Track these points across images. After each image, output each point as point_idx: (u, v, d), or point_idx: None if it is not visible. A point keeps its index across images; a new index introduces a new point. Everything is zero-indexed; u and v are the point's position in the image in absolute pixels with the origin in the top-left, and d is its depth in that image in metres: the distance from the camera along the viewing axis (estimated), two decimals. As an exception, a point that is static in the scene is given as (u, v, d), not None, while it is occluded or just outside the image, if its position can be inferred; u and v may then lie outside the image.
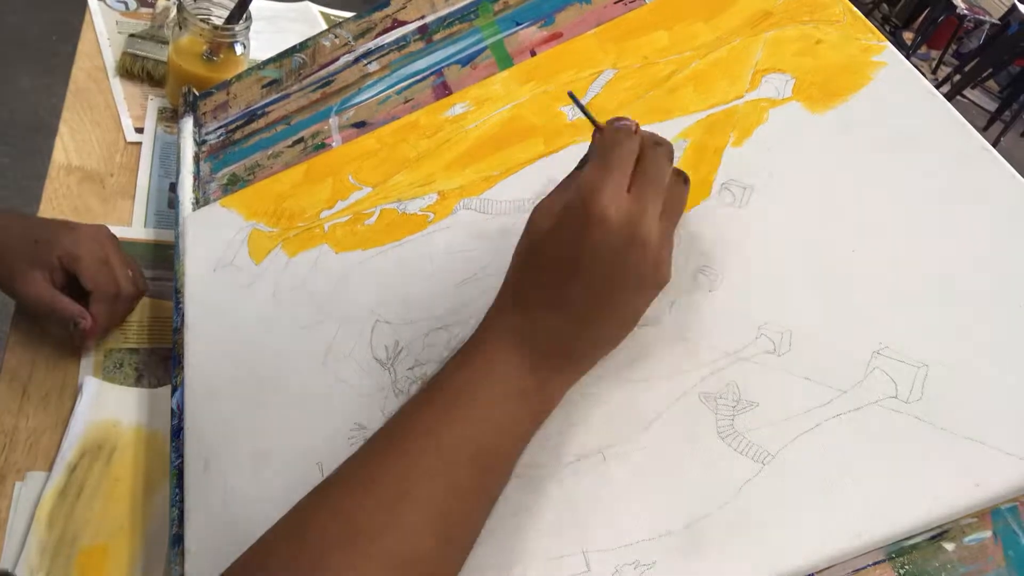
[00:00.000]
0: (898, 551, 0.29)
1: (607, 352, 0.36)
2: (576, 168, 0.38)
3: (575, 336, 0.35)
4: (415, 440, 0.33)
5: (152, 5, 0.85)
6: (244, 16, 0.70)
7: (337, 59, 0.60)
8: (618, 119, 0.37)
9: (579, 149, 0.44)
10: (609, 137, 0.36)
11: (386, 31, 0.58)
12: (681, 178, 0.38)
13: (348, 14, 0.74)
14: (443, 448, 0.32)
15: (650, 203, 0.34)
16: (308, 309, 0.46)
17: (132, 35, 0.78)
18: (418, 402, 0.35)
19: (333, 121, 0.57)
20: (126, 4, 0.85)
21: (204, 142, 0.63)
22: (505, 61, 0.52)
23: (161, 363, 0.54)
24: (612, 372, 0.36)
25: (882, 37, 0.41)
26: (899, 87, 0.39)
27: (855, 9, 0.43)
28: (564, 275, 0.34)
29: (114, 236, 0.55)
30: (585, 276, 0.34)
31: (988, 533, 0.29)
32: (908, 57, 0.39)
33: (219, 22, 0.71)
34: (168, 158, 0.69)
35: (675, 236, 0.37)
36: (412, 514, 0.31)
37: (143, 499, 0.46)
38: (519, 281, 0.36)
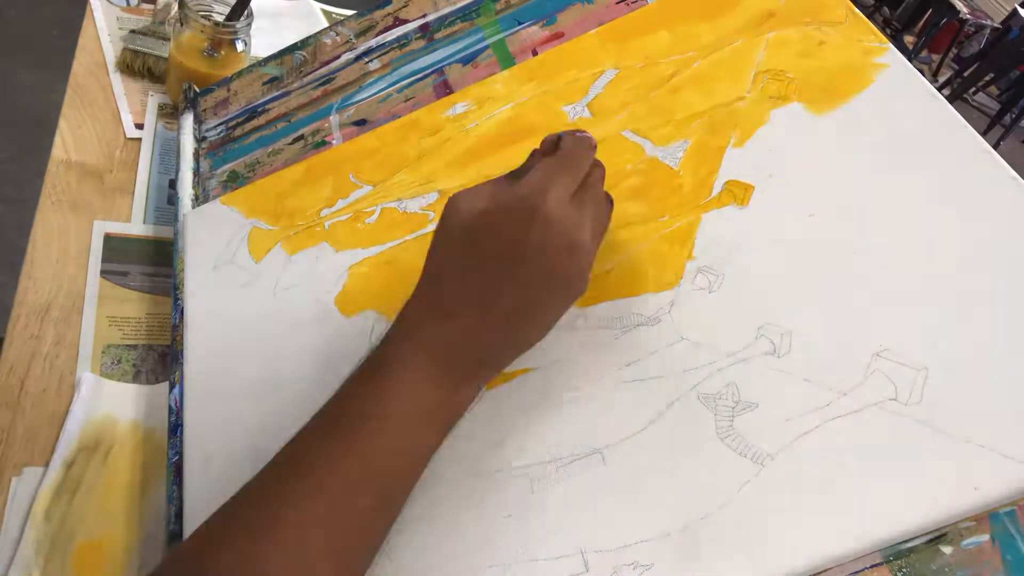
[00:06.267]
0: (896, 554, 0.29)
1: (518, 356, 0.35)
2: (511, 174, 0.37)
3: (496, 339, 0.34)
4: (318, 476, 0.31)
5: (153, 1, 0.85)
6: (245, 13, 0.70)
7: (338, 57, 0.59)
8: (579, 131, 0.37)
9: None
10: (570, 144, 0.36)
11: (387, 29, 0.58)
12: (608, 199, 0.38)
13: (349, 12, 0.74)
14: (348, 482, 0.31)
15: (589, 215, 0.34)
16: (308, 307, 0.46)
17: (133, 31, 0.78)
18: (322, 427, 0.34)
19: (333, 119, 0.57)
20: (127, 0, 0.85)
21: (204, 139, 0.63)
22: (506, 60, 0.52)
23: (159, 360, 0.53)
24: (611, 372, 0.36)
25: (884, 39, 0.41)
26: (901, 89, 0.39)
27: (857, 11, 0.43)
28: (496, 271, 0.33)
29: None
30: (520, 273, 0.33)
31: (986, 537, 0.29)
32: (909, 61, 0.40)
33: (220, 18, 0.71)
34: (168, 154, 0.69)
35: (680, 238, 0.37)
36: (315, 553, 0.30)
37: (140, 495, 0.46)
38: (441, 276, 0.35)
